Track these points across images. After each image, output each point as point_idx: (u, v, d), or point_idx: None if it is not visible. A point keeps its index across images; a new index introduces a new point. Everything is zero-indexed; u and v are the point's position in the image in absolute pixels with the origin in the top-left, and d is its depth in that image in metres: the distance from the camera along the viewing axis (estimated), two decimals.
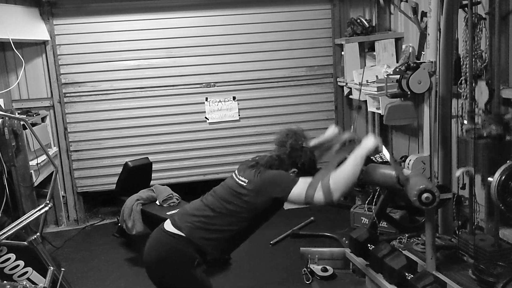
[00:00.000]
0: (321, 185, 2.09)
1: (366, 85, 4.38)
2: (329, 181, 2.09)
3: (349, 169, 2.15)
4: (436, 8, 2.92)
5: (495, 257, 2.75)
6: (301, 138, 2.36)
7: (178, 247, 2.21)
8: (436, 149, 2.96)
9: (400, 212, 4.11)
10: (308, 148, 2.37)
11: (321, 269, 3.45)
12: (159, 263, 2.23)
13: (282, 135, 2.38)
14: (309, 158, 2.33)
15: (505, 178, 2.44)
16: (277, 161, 2.31)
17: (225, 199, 2.26)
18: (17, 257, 2.78)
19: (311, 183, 2.13)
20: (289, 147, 2.31)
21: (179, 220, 2.27)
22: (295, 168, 2.30)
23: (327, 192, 2.08)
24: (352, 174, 2.14)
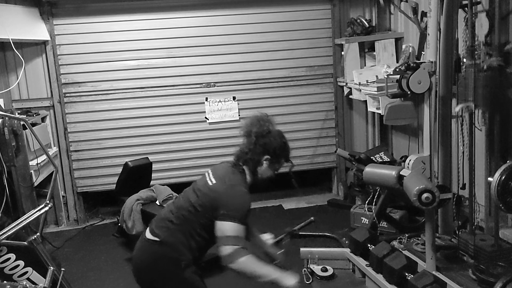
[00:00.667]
0: (236, 250, 2.03)
1: (366, 85, 4.39)
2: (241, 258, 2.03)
3: (258, 271, 2.07)
4: (436, 8, 2.92)
5: (495, 257, 2.75)
6: (266, 123, 2.28)
7: (159, 253, 2.18)
8: (436, 149, 2.96)
9: (400, 212, 4.11)
10: (274, 131, 2.29)
11: (321, 269, 3.45)
12: (146, 272, 2.21)
13: (247, 125, 2.30)
14: (279, 142, 2.26)
15: (505, 178, 2.44)
16: (249, 153, 2.24)
17: (190, 200, 2.22)
18: (17, 257, 2.77)
19: (238, 238, 2.06)
20: (255, 135, 2.25)
21: (155, 226, 2.25)
22: (268, 155, 2.24)
23: (229, 259, 2.03)
24: (253, 276, 2.07)
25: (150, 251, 2.21)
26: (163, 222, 2.24)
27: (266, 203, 5.22)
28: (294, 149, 5.25)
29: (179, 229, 2.18)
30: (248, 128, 2.28)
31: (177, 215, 2.22)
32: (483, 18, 3.15)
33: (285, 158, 2.33)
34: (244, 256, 2.05)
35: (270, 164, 2.27)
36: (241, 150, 2.29)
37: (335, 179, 5.54)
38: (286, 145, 2.32)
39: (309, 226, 4.52)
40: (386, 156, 4.41)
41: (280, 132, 2.32)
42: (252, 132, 2.26)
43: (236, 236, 2.07)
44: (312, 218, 4.65)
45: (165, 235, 2.18)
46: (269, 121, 2.31)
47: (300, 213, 4.87)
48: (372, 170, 3.10)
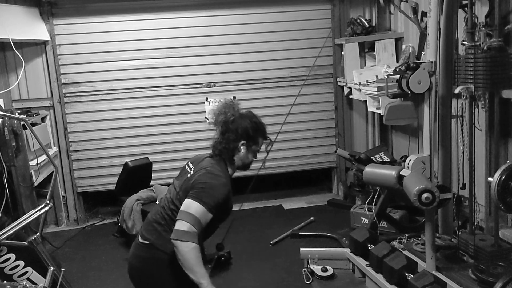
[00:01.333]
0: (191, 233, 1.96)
1: (366, 85, 4.39)
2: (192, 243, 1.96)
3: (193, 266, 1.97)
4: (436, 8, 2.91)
5: (495, 257, 2.75)
6: (231, 109, 2.25)
7: (152, 256, 2.16)
8: (436, 149, 2.96)
9: (400, 212, 4.11)
10: (241, 113, 2.26)
11: (321, 269, 3.45)
12: (140, 275, 2.20)
13: (214, 114, 2.28)
14: (250, 123, 2.23)
15: (505, 178, 2.44)
16: (223, 142, 2.22)
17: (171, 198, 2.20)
18: (17, 257, 2.77)
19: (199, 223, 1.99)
20: (223, 124, 2.23)
21: (144, 229, 2.24)
22: (242, 139, 2.21)
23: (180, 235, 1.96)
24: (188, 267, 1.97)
25: (142, 254, 2.20)
26: (151, 225, 2.22)
27: (266, 203, 5.22)
28: (294, 149, 5.31)
29: (167, 229, 2.14)
30: (216, 117, 2.26)
31: (162, 216, 2.19)
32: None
33: (262, 137, 2.28)
34: (194, 242, 1.97)
35: (248, 147, 2.24)
36: (215, 141, 2.27)
37: (335, 179, 5.54)
38: (258, 124, 2.28)
39: (309, 226, 4.52)
40: (386, 156, 4.41)
41: (248, 113, 2.29)
42: (219, 121, 2.25)
43: (198, 219, 1.99)
44: (312, 218, 4.65)
45: (154, 237, 2.16)
46: (234, 105, 2.28)
47: (300, 213, 4.87)
48: (372, 170, 3.10)
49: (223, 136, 2.22)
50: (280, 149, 5.21)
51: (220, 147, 2.23)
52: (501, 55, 2.89)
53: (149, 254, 2.17)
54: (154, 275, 2.17)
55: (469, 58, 2.93)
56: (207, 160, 2.26)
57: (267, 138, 2.32)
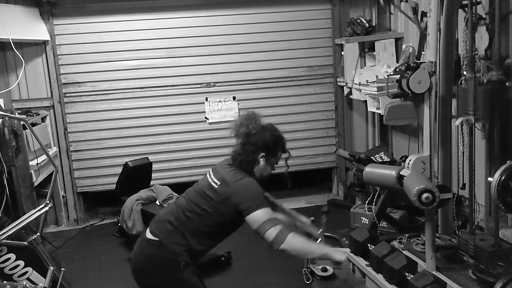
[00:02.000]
0: (280, 230, 2.06)
1: (366, 85, 4.39)
2: (287, 236, 2.06)
3: (308, 248, 2.13)
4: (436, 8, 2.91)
5: (495, 257, 2.75)
6: (253, 121, 2.28)
7: (158, 254, 2.18)
8: (436, 149, 2.96)
9: (400, 212, 4.11)
10: (262, 126, 2.28)
11: (321, 269, 3.45)
12: (144, 272, 2.21)
13: (235, 126, 2.31)
14: (269, 135, 2.25)
15: (505, 178, 2.44)
16: (242, 154, 2.24)
17: (195, 202, 2.21)
18: (17, 257, 2.77)
19: (273, 219, 2.09)
20: (243, 136, 2.25)
21: (155, 226, 2.25)
22: (261, 151, 2.23)
23: (277, 240, 2.06)
24: (304, 252, 2.14)
25: (149, 251, 2.21)
26: (162, 223, 2.24)
27: None
28: (294, 149, 5.27)
29: (179, 230, 2.18)
30: (237, 129, 2.29)
31: (177, 216, 2.21)
32: (483, 31, 3.15)
33: (281, 150, 2.31)
34: (289, 233, 2.07)
35: (267, 160, 2.27)
36: (235, 152, 2.29)
37: (335, 179, 5.54)
38: (279, 137, 2.30)
39: None
40: (386, 156, 4.41)
41: (269, 126, 2.31)
42: (240, 133, 2.27)
43: (271, 219, 2.08)
44: (312, 218, 4.64)
45: (163, 236, 2.18)
46: (256, 118, 2.30)
47: (300, 213, 4.86)
48: (372, 170, 3.10)
49: (243, 147, 2.25)
50: None
51: (240, 158, 2.26)
52: (501, 88, 2.89)
53: (155, 251, 2.19)
54: (158, 273, 2.18)
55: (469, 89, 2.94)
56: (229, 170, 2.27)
57: (286, 151, 2.36)
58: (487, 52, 3.13)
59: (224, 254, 3.79)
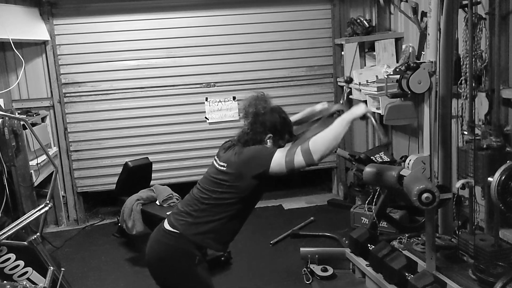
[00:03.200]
0: (301, 148, 2.05)
1: (366, 85, 4.38)
2: (308, 143, 2.05)
3: (331, 131, 2.10)
4: (436, 8, 2.92)
5: (495, 257, 2.75)
6: (262, 101, 2.29)
7: (177, 245, 2.20)
8: (436, 149, 2.96)
9: (400, 212, 4.11)
10: (271, 107, 2.29)
11: (321, 269, 3.45)
12: (160, 262, 2.23)
13: (245, 106, 2.31)
14: (277, 117, 2.26)
15: (505, 178, 2.44)
16: (250, 133, 2.24)
17: (209, 189, 2.22)
18: (17, 257, 2.77)
19: (290, 149, 2.09)
20: (252, 115, 2.25)
21: (174, 218, 2.26)
22: (269, 132, 2.24)
23: (306, 154, 2.04)
24: (333, 136, 2.09)
25: (168, 242, 2.22)
26: (181, 215, 2.25)
27: (266, 203, 5.22)
28: None
29: (198, 221, 2.19)
30: (246, 109, 2.29)
31: (195, 208, 2.22)
32: (483, 97, 3.16)
33: (288, 133, 2.31)
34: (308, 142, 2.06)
35: (274, 142, 2.26)
36: (242, 131, 2.29)
37: (335, 179, 5.54)
38: (286, 120, 2.31)
39: (309, 226, 4.52)
40: (386, 156, 4.41)
41: (278, 108, 2.32)
42: (249, 112, 2.27)
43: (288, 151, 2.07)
44: (312, 218, 4.65)
45: (183, 228, 2.20)
46: (265, 98, 2.31)
47: (300, 213, 4.87)
48: (372, 170, 3.10)
49: (251, 127, 2.25)
50: None
51: (246, 137, 2.25)
52: (500, 153, 2.90)
53: (174, 242, 2.20)
54: (174, 264, 2.20)
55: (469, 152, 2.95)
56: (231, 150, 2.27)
57: (293, 136, 2.36)
58: (487, 117, 3.15)
59: (224, 254, 3.78)
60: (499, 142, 2.92)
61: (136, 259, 4.02)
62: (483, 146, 2.91)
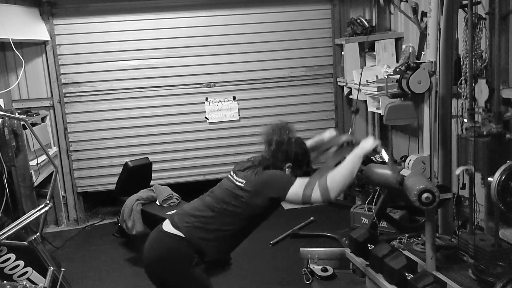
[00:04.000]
0: (318, 184, 2.11)
1: (366, 85, 4.38)
2: (326, 180, 2.11)
3: (346, 168, 2.17)
4: (436, 8, 2.92)
5: (495, 257, 2.75)
6: (286, 131, 2.35)
7: (177, 247, 2.21)
8: (436, 149, 2.96)
9: (400, 212, 4.11)
10: (295, 138, 2.36)
11: (321, 269, 3.45)
12: (158, 263, 2.23)
13: (268, 132, 2.37)
14: (300, 148, 2.33)
15: (505, 178, 2.44)
16: (270, 159, 2.31)
17: (223, 200, 2.26)
18: (17, 257, 2.77)
19: (308, 182, 2.14)
20: (276, 143, 2.31)
21: (178, 221, 2.27)
22: (289, 162, 2.29)
23: (324, 191, 2.10)
24: (349, 174, 2.16)
25: (167, 243, 2.24)
26: (187, 218, 2.27)
27: None
28: None
29: (202, 226, 2.22)
30: (270, 136, 2.35)
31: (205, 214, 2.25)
32: (483, 84, 3.16)
33: (306, 165, 2.37)
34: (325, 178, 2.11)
35: (293, 171, 2.31)
36: (263, 156, 2.35)
37: None
38: (307, 152, 2.38)
39: (309, 226, 4.52)
40: None
41: (300, 139, 2.39)
42: (273, 140, 2.32)
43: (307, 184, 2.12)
44: (312, 218, 4.65)
45: (186, 230, 2.21)
46: (290, 129, 2.38)
47: (300, 213, 4.86)
48: (372, 170, 3.10)
49: (273, 154, 2.30)
50: None
51: (267, 163, 2.31)
52: (500, 141, 2.90)
53: (176, 244, 2.22)
54: (172, 265, 2.21)
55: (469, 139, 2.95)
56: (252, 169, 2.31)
57: (310, 167, 2.41)
58: (487, 104, 3.15)
59: None
60: (499, 128, 2.91)
61: (136, 259, 4.02)
62: (483, 133, 2.91)
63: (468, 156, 2.96)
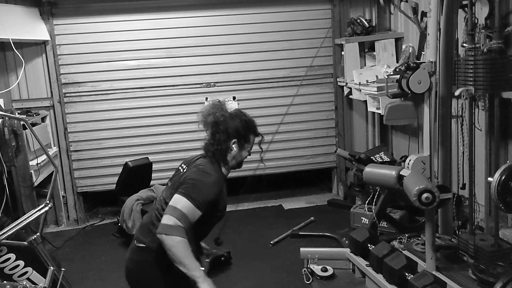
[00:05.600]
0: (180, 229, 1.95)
1: (366, 85, 4.39)
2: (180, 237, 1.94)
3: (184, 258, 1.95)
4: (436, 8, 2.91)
5: (495, 257, 2.75)
6: (219, 109, 2.23)
7: (145, 258, 2.15)
8: (436, 149, 2.96)
9: (400, 212, 4.11)
10: (232, 113, 2.24)
11: (321, 269, 3.45)
12: (136, 278, 2.20)
13: (203, 116, 2.25)
14: (239, 122, 2.21)
15: (505, 178, 2.44)
16: (214, 143, 2.19)
17: (165, 198, 2.18)
18: (17, 257, 2.77)
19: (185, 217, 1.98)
20: (212, 124, 2.20)
21: (140, 233, 2.23)
22: (233, 138, 2.19)
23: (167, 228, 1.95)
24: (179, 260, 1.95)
25: (137, 258, 2.20)
26: (146, 227, 2.21)
27: (266, 203, 5.22)
28: (294, 149, 5.31)
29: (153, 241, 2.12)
30: (205, 119, 2.24)
31: (157, 217, 2.16)
32: (483, 0, 3.14)
33: (253, 134, 2.27)
34: (181, 237, 1.95)
35: (240, 146, 2.22)
36: (206, 143, 2.24)
37: (335, 179, 5.54)
38: (248, 122, 2.26)
39: (309, 226, 4.52)
40: (386, 156, 4.41)
41: (237, 112, 2.27)
42: (208, 122, 2.22)
43: (185, 215, 1.98)
44: (312, 218, 4.65)
45: (149, 240, 2.15)
46: (222, 106, 2.26)
47: (300, 213, 4.87)
48: (372, 170, 3.10)
49: (214, 137, 2.20)
50: (280, 149, 5.22)
51: (212, 148, 2.20)
52: (501, 57, 2.88)
53: (143, 257, 2.16)
54: (149, 278, 2.17)
55: (469, 60, 2.92)
56: (200, 160, 2.23)
57: (258, 135, 2.31)
58: (487, 21, 3.10)
59: (224, 254, 3.79)
60: (500, 44, 2.88)
61: None
62: (483, 51, 2.87)
63: (468, 77, 2.90)
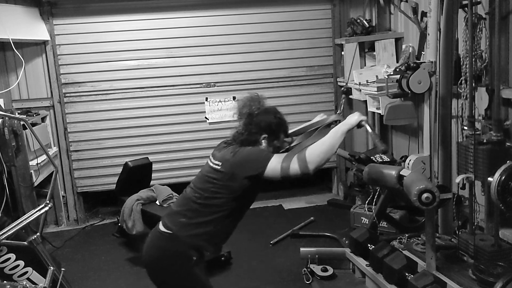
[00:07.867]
0: (297, 157, 2.06)
1: (366, 85, 4.39)
2: (305, 152, 2.06)
3: (327, 142, 2.10)
4: (436, 8, 2.92)
5: (495, 257, 2.75)
6: (256, 102, 2.29)
7: (172, 246, 2.18)
8: (436, 149, 2.96)
9: (400, 212, 4.11)
10: (268, 108, 2.30)
11: (321, 269, 3.45)
12: (157, 264, 2.22)
13: (239, 107, 2.32)
14: (273, 117, 2.26)
15: (505, 178, 2.44)
16: (244, 133, 2.24)
17: (201, 187, 2.21)
18: (17, 257, 2.77)
19: (287, 155, 2.09)
20: (247, 116, 2.26)
21: (168, 220, 2.25)
22: (263, 133, 2.23)
23: (302, 163, 2.04)
24: (329, 147, 2.08)
25: (163, 244, 2.22)
26: (176, 216, 2.24)
27: (266, 203, 5.22)
28: None
29: (193, 221, 2.18)
30: (240, 109, 2.30)
31: (189, 207, 2.21)
32: (483, 92, 3.16)
33: (284, 133, 2.31)
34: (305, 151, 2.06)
35: (269, 142, 2.26)
36: (237, 131, 2.28)
37: (335, 179, 5.54)
38: (282, 120, 2.31)
39: (309, 226, 4.52)
40: (386, 156, 4.41)
41: (273, 108, 2.32)
42: (243, 113, 2.27)
43: (284, 157, 2.07)
44: (312, 218, 4.65)
45: (177, 229, 2.19)
46: (259, 99, 2.31)
47: (300, 213, 4.87)
48: (372, 170, 3.10)
49: (246, 128, 2.25)
50: None
51: (241, 138, 2.24)
52: (500, 148, 2.89)
53: (169, 244, 2.19)
54: (171, 266, 2.19)
55: (469, 148, 2.93)
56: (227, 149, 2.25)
57: (288, 136, 2.36)
58: (487, 112, 3.14)
59: (224, 254, 3.78)
60: (499, 136, 2.91)
61: (136, 259, 4.02)
62: (483, 140, 2.90)
63: (468, 163, 2.94)
